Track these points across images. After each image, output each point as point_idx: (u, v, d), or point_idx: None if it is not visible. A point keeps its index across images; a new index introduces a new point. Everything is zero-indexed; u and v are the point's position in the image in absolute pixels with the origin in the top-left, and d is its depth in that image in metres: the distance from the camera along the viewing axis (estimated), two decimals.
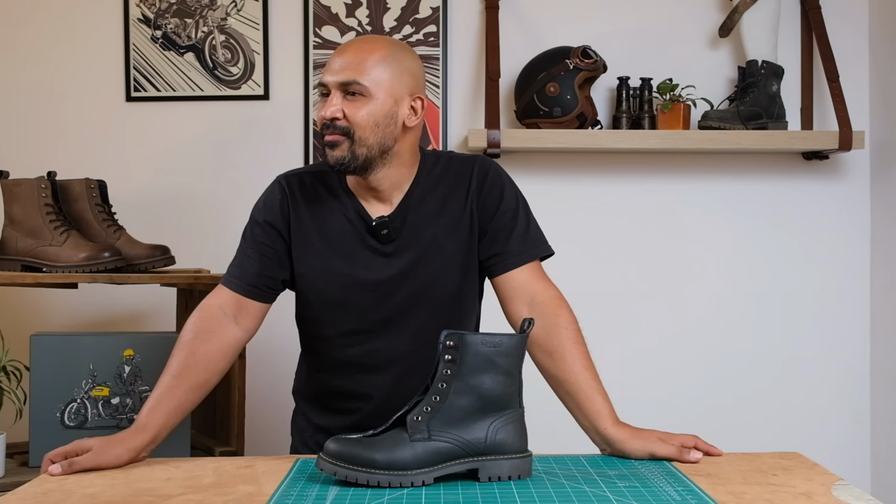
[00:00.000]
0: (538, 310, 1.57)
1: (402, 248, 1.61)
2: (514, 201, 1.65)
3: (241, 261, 1.63)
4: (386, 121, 1.54)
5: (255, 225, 1.64)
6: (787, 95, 2.56)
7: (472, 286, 1.67)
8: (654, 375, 2.62)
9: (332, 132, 1.54)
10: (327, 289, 1.62)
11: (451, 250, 1.62)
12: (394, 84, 1.54)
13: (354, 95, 1.53)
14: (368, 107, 1.53)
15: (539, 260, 1.65)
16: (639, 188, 2.63)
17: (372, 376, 1.64)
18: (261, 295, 1.62)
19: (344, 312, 1.62)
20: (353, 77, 1.52)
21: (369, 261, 1.60)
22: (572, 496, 1.20)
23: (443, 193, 1.63)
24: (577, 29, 2.59)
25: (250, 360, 2.16)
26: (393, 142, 1.56)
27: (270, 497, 1.21)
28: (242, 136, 2.63)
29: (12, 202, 2.07)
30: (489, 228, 1.63)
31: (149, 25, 2.62)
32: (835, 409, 2.64)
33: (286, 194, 1.64)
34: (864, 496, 1.21)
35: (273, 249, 1.62)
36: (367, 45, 1.56)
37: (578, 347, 1.53)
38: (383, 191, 1.60)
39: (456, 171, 1.65)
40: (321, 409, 1.72)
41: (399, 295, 1.61)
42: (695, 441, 1.45)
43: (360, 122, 1.53)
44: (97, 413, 1.95)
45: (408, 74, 1.57)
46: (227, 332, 1.57)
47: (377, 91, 1.53)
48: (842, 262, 2.64)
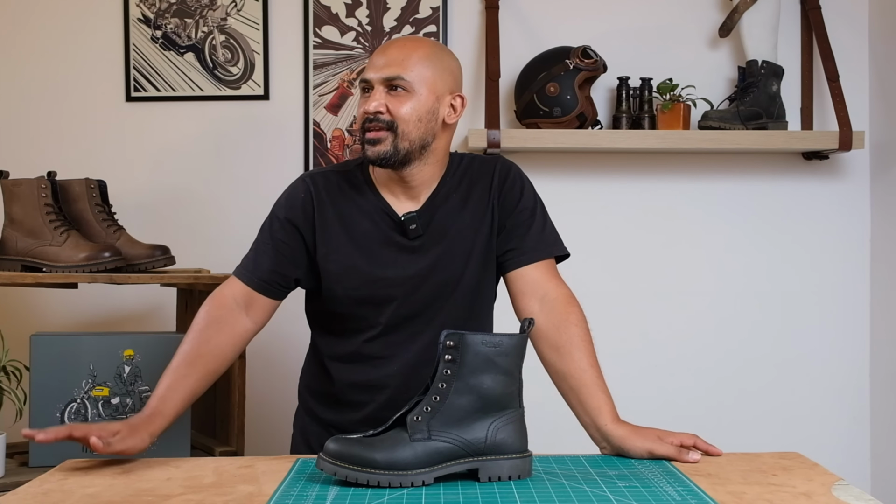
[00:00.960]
0: (549, 306, 1.59)
1: (428, 244, 1.64)
2: (532, 201, 1.69)
3: (257, 254, 1.65)
4: (428, 116, 1.58)
5: (274, 220, 1.66)
6: (787, 95, 2.56)
7: (490, 280, 1.71)
8: (653, 375, 2.62)
9: (375, 127, 1.56)
10: (356, 285, 1.63)
11: (474, 244, 1.65)
12: (436, 81, 1.58)
13: (398, 90, 1.56)
14: (412, 102, 1.56)
15: (554, 260, 1.68)
16: (639, 188, 2.63)
17: (390, 367, 1.65)
18: (272, 291, 1.64)
19: (373, 308, 1.64)
20: (397, 72, 1.55)
21: (396, 257, 1.63)
22: (572, 496, 1.20)
23: (466, 189, 1.67)
24: (577, 29, 2.59)
25: (250, 360, 2.16)
26: (432, 138, 1.60)
27: (270, 497, 1.21)
28: (242, 136, 2.63)
29: (12, 202, 2.07)
30: (507, 224, 1.66)
31: (149, 25, 2.62)
32: (835, 409, 2.64)
33: (310, 192, 1.65)
34: (864, 496, 1.21)
35: (289, 247, 1.64)
36: (411, 43, 1.61)
37: (586, 345, 1.55)
38: (415, 186, 1.63)
39: (479, 169, 1.69)
40: (332, 404, 1.72)
41: (425, 289, 1.64)
42: (694, 440, 1.45)
43: (403, 117, 1.56)
44: (97, 413, 1.95)
45: (448, 73, 1.61)
46: (238, 323, 1.60)
47: (420, 87, 1.57)
48: (842, 262, 2.64)
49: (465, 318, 1.66)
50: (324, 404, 1.73)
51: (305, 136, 2.61)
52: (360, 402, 1.68)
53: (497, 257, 1.68)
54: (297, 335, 1.96)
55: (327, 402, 1.73)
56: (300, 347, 1.84)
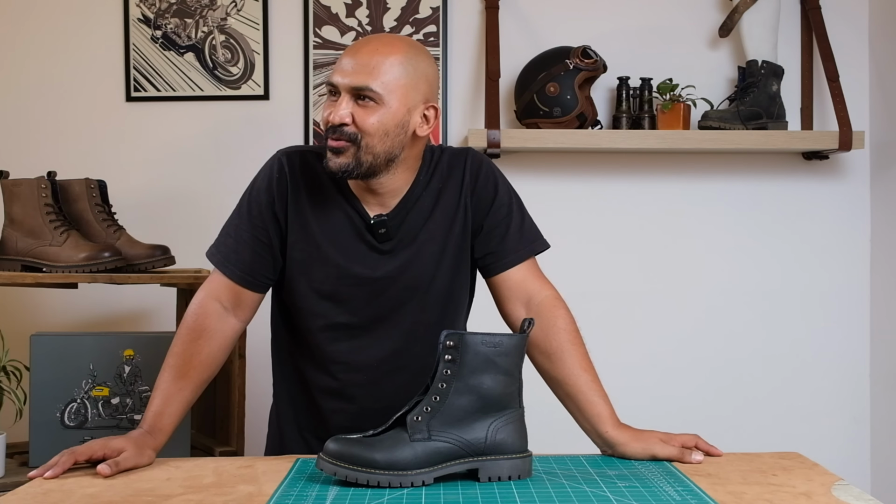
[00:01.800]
0: (535, 310, 1.56)
1: (398, 247, 1.57)
2: (507, 196, 1.62)
3: (238, 244, 1.56)
4: (396, 130, 1.47)
5: (252, 204, 1.57)
6: (787, 95, 2.56)
7: (463, 282, 1.64)
8: (653, 375, 2.62)
9: (337, 137, 1.46)
10: (321, 279, 1.56)
11: (444, 246, 1.59)
12: (408, 92, 1.47)
13: (365, 100, 1.45)
14: (379, 114, 1.45)
15: (535, 258, 1.62)
16: (639, 188, 2.63)
17: (356, 374, 1.59)
18: (257, 285, 1.57)
19: (334, 305, 1.58)
20: (365, 82, 1.44)
21: (365, 256, 1.56)
22: (572, 496, 1.20)
23: (436, 188, 1.59)
24: (577, 29, 2.59)
25: (250, 360, 2.16)
26: (400, 150, 1.50)
27: (270, 497, 1.21)
28: (242, 136, 2.63)
29: (12, 202, 2.07)
30: (484, 225, 1.60)
31: (149, 25, 2.62)
32: (835, 409, 2.64)
33: (284, 173, 1.57)
34: (864, 496, 1.21)
35: (268, 234, 1.56)
36: (383, 47, 1.47)
37: (577, 349, 1.52)
38: (383, 194, 1.55)
39: (448, 164, 1.61)
40: (302, 410, 1.66)
41: (392, 292, 1.58)
42: (695, 441, 1.45)
43: (368, 130, 1.46)
44: (97, 413, 1.95)
45: (423, 81, 1.50)
46: (227, 327, 1.55)
47: (390, 98, 1.45)
48: (842, 262, 2.64)
49: (435, 323, 1.59)
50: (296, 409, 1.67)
51: (305, 137, 2.61)
52: (330, 410, 1.61)
53: (477, 260, 1.62)
54: None
55: (298, 407, 1.66)
56: None
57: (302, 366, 1.64)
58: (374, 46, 1.47)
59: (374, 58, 1.45)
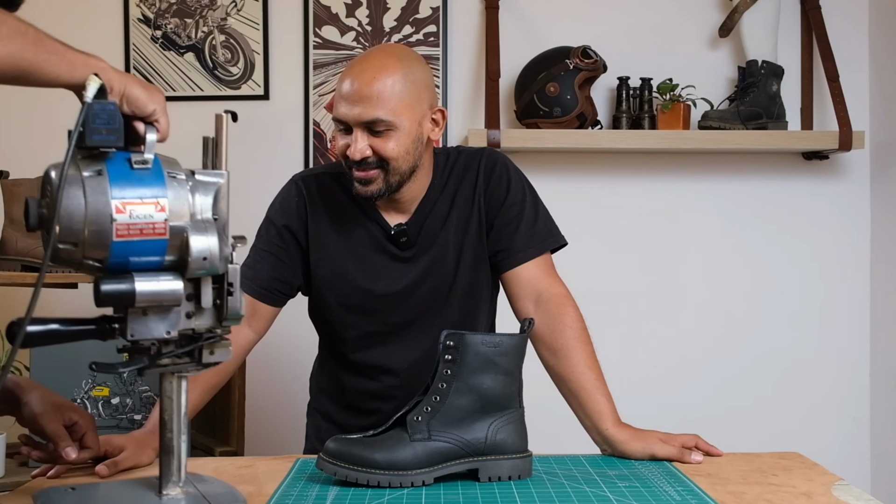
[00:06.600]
0: (544, 307, 1.57)
1: (419, 253, 1.62)
2: (520, 193, 1.64)
3: (255, 262, 1.62)
4: (414, 145, 1.53)
5: (270, 226, 1.63)
6: (787, 95, 2.56)
7: (484, 280, 1.67)
8: (653, 375, 2.62)
9: (363, 169, 1.51)
10: (347, 293, 1.62)
11: (463, 247, 1.63)
12: (414, 106, 1.51)
13: (379, 130, 1.49)
14: (396, 138, 1.50)
15: (550, 252, 1.65)
16: (639, 188, 2.63)
17: (391, 377, 1.64)
18: (274, 299, 1.62)
19: (363, 316, 1.63)
20: (374, 115, 1.47)
21: (388, 268, 1.61)
22: (572, 496, 1.20)
23: (452, 191, 1.63)
24: (577, 29, 2.59)
25: (250, 360, 2.15)
26: (420, 159, 1.56)
27: (270, 497, 1.21)
28: (242, 136, 2.62)
29: (12, 202, 2.07)
30: (495, 223, 1.62)
31: (149, 25, 2.62)
32: (835, 409, 2.64)
33: (303, 196, 1.62)
34: (864, 496, 1.21)
35: (287, 253, 1.61)
36: (379, 72, 1.49)
37: (583, 346, 1.53)
38: (404, 202, 1.60)
39: (463, 165, 1.65)
40: (343, 408, 1.71)
41: (417, 296, 1.62)
42: (695, 441, 1.45)
43: (391, 155, 1.50)
44: (97, 413, 1.95)
45: (424, 89, 1.54)
46: (240, 337, 1.56)
47: (401, 120, 1.49)
48: (842, 262, 2.64)
49: (459, 322, 1.63)
50: (336, 407, 1.72)
51: (305, 136, 2.61)
52: (369, 410, 1.66)
53: (489, 258, 1.65)
54: (297, 336, 1.96)
55: (339, 405, 1.71)
56: (300, 348, 1.84)
57: (339, 371, 1.69)
58: (371, 74, 1.49)
59: (374, 86, 1.48)
